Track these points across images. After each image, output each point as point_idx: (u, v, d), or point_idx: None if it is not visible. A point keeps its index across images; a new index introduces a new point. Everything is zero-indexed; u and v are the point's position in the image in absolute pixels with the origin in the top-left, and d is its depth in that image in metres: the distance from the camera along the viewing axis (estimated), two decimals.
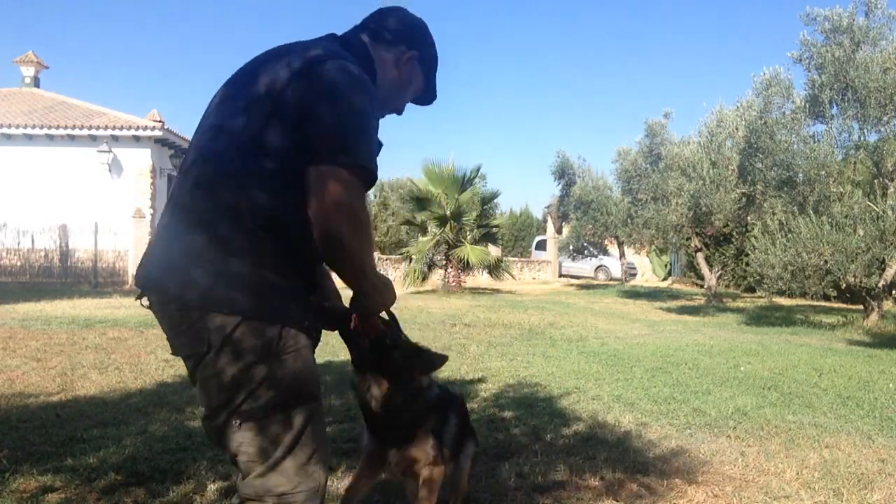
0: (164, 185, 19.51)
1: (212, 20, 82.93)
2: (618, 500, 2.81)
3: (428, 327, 8.95)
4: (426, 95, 1.90)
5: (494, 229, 19.19)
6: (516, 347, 7.48)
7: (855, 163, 10.73)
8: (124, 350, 6.52)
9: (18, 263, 17.95)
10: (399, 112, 1.88)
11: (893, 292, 11.59)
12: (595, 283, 25.33)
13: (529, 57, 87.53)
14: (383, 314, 1.78)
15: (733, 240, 17.38)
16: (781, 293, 12.16)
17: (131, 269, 18.06)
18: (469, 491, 2.49)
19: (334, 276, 1.73)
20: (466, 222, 17.51)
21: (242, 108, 1.59)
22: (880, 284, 10.54)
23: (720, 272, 18.01)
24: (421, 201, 17.63)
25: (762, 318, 12.25)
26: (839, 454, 3.58)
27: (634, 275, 27.40)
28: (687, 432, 3.95)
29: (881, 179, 10.46)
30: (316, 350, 1.64)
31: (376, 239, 27.91)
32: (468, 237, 17.68)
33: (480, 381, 5.35)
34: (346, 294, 1.74)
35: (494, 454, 3.34)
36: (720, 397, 4.98)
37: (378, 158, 1.63)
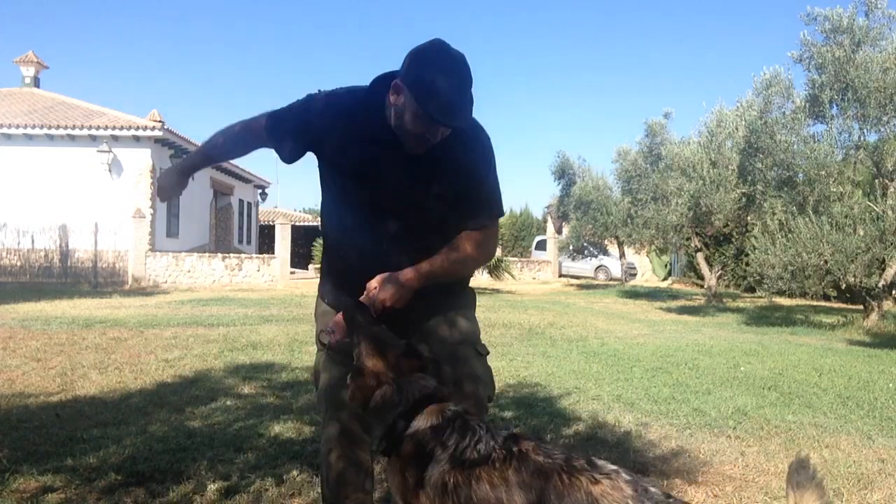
0: None
1: (212, 20, 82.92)
2: None
3: None
4: (426, 114, 1.79)
5: None
6: (516, 347, 7.48)
7: (855, 163, 10.71)
8: (124, 350, 6.52)
9: (18, 263, 17.94)
10: (424, 138, 1.84)
11: (893, 292, 11.59)
12: (595, 283, 25.32)
13: (529, 56, 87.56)
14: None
15: (733, 240, 17.36)
16: (781, 293, 12.17)
17: (131, 270, 18.07)
18: None
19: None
20: None
21: None
22: (880, 284, 10.54)
23: (720, 272, 18.00)
24: None
25: (762, 318, 12.25)
26: (839, 454, 3.58)
27: (634, 275, 27.38)
28: (687, 432, 3.94)
29: (881, 179, 10.45)
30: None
31: None
32: None
33: None
34: None
35: None
36: (720, 397, 4.98)
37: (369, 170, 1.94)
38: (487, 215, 2.02)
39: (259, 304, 12.27)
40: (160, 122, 18.31)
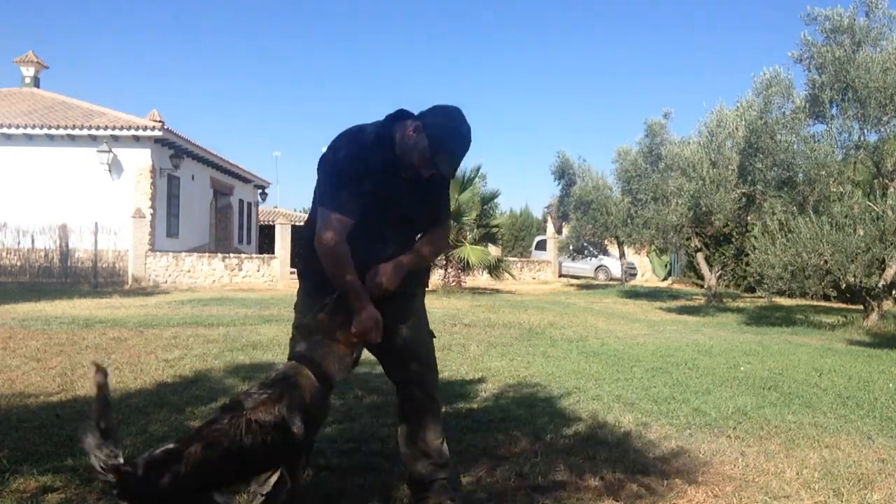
0: (164, 185, 19.49)
1: (212, 20, 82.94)
2: (618, 500, 2.80)
3: None
4: (434, 159, 2.27)
5: (494, 229, 19.18)
6: (516, 347, 7.48)
7: (855, 163, 10.71)
8: (124, 350, 6.52)
9: (18, 263, 17.94)
10: (418, 174, 2.33)
11: (893, 292, 11.59)
12: (595, 283, 25.32)
13: (529, 56, 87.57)
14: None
15: (733, 240, 17.35)
16: (781, 293, 12.16)
17: (131, 270, 18.07)
18: None
19: None
20: (466, 222, 17.49)
21: None
22: (880, 284, 10.54)
23: (720, 272, 18.00)
24: None
25: (762, 318, 12.25)
26: (839, 454, 3.57)
27: (634, 275, 27.38)
28: (687, 432, 3.94)
29: (881, 179, 10.46)
30: None
31: None
32: (468, 237, 17.66)
33: (480, 381, 5.35)
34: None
35: (494, 454, 3.34)
36: (720, 397, 4.97)
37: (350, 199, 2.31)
38: (447, 217, 2.68)
39: (259, 304, 12.27)
40: (160, 122, 18.31)
